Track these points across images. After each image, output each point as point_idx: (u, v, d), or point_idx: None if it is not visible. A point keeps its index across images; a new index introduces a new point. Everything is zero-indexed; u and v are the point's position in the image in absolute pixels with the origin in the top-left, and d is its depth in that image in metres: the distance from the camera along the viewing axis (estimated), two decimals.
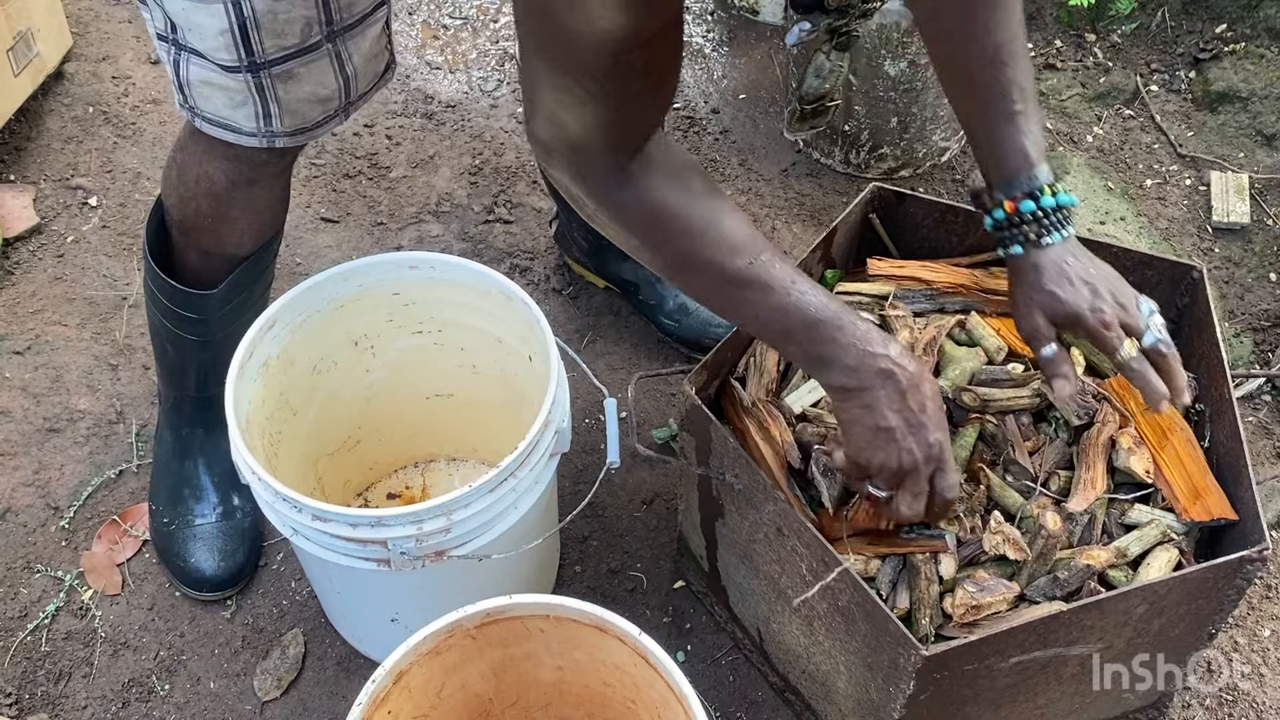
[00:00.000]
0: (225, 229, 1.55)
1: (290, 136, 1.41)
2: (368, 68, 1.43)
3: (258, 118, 1.38)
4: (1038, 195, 1.32)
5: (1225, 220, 2.22)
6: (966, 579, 1.36)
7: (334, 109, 1.43)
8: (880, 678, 1.34)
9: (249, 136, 1.40)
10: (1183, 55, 2.46)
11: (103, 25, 2.54)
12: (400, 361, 1.71)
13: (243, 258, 1.59)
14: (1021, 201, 1.32)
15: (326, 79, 1.39)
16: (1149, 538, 1.41)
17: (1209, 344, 1.49)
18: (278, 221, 1.62)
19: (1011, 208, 1.33)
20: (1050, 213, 1.33)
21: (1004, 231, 1.35)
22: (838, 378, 1.25)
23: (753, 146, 2.39)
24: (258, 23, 1.30)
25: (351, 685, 1.68)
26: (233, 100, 1.37)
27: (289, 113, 1.39)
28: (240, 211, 1.54)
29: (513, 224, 2.24)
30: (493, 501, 1.40)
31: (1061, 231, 1.33)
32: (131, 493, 1.86)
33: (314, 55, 1.36)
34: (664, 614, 1.77)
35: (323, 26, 1.34)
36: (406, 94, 2.46)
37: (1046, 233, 1.33)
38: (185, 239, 1.58)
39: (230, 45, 1.31)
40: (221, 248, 1.58)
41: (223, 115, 1.39)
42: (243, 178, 1.49)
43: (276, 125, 1.40)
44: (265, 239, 1.60)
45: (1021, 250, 1.34)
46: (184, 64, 1.37)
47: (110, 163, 2.30)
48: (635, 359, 2.05)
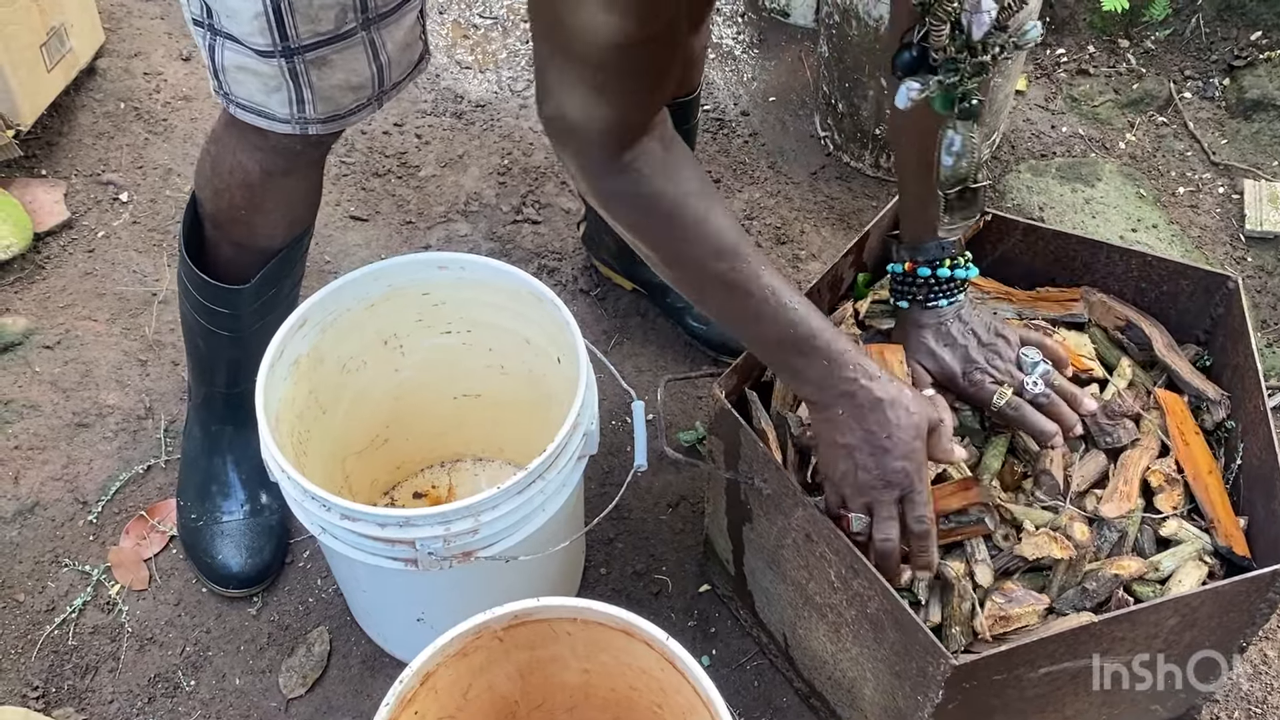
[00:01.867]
0: (259, 220, 1.56)
1: (323, 124, 1.42)
2: (401, 57, 1.43)
3: (291, 104, 1.39)
4: (936, 265, 1.44)
5: (1259, 229, 2.20)
6: (996, 590, 1.36)
7: (367, 97, 1.43)
8: (908, 686, 1.33)
9: (282, 123, 1.41)
10: (1216, 62, 2.44)
11: (135, 21, 2.55)
12: (429, 361, 1.71)
13: (275, 250, 1.59)
14: (920, 267, 1.45)
15: (360, 66, 1.39)
16: (1184, 554, 1.40)
17: (1244, 355, 1.48)
18: (310, 215, 1.63)
19: (909, 268, 1.46)
20: (943, 282, 1.45)
21: (898, 285, 1.48)
22: (806, 391, 1.31)
23: (782, 149, 2.38)
24: (292, 7, 1.30)
25: (376, 684, 1.69)
26: (266, 86, 1.38)
27: (322, 99, 1.39)
28: (274, 203, 1.54)
29: (541, 224, 2.24)
30: (521, 503, 1.39)
31: (949, 299, 1.46)
32: (159, 488, 1.87)
33: (348, 42, 1.36)
34: (689, 618, 1.76)
35: (358, 14, 1.34)
36: (436, 93, 2.46)
37: (934, 298, 1.46)
38: (219, 232, 1.59)
39: (265, 29, 1.32)
40: (255, 240, 1.58)
41: (256, 101, 1.40)
42: (277, 168, 1.49)
43: (310, 112, 1.40)
44: (297, 233, 1.60)
45: (908, 306, 1.47)
46: (219, 49, 1.38)
47: (141, 159, 2.31)
48: (663, 361, 2.05)
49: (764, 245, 2.20)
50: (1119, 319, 1.58)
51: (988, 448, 1.48)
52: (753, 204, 2.27)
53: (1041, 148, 2.36)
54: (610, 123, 1.16)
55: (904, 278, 1.47)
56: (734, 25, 2.64)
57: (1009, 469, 1.46)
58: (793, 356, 1.28)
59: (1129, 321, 1.57)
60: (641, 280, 2.07)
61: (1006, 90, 2.24)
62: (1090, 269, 1.60)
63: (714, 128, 2.42)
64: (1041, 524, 1.40)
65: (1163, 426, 1.49)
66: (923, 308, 1.47)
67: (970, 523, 1.39)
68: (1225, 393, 1.52)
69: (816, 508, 1.36)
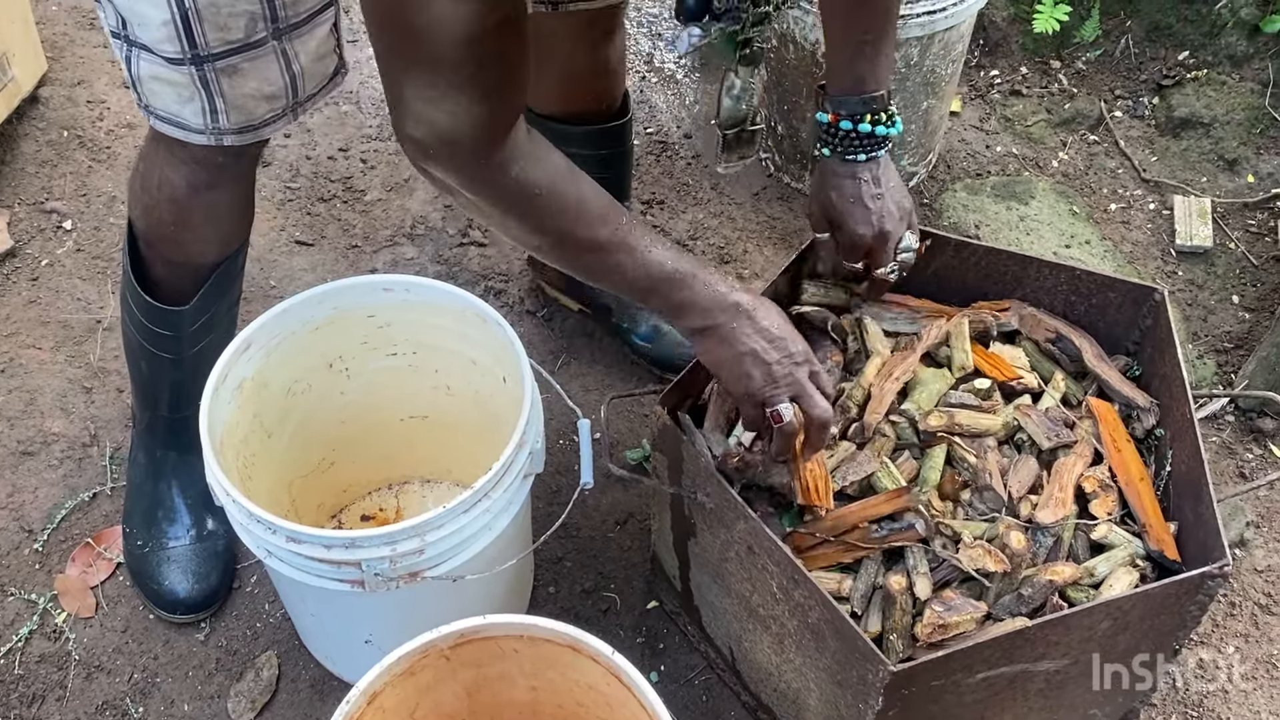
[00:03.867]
0: (188, 236, 1.57)
1: (238, 134, 1.43)
2: (315, 68, 1.45)
3: (205, 114, 1.40)
4: (858, 119, 1.48)
5: (1189, 244, 2.26)
6: (935, 599, 1.38)
7: (282, 108, 1.44)
8: (850, 694, 1.36)
9: (197, 133, 1.42)
10: (1146, 82, 2.50)
11: (77, 50, 2.55)
12: (375, 383, 1.72)
13: (209, 267, 1.60)
14: (843, 120, 1.49)
15: (272, 75, 1.40)
16: (1117, 559, 1.43)
17: (1171, 365, 1.52)
18: (241, 231, 1.64)
19: (834, 120, 1.50)
20: (863, 137, 1.49)
21: (822, 134, 1.52)
22: (696, 320, 1.36)
23: None
24: (200, 15, 1.32)
25: (325, 707, 1.69)
26: (180, 96, 1.39)
27: (235, 109, 1.41)
28: (202, 218, 1.55)
29: (487, 246, 2.26)
30: (467, 522, 1.41)
31: (867, 153, 1.51)
32: (105, 516, 1.87)
33: (259, 51, 1.38)
34: (637, 634, 1.78)
35: (268, 23, 1.36)
36: (381, 118, 2.48)
37: (852, 151, 1.50)
38: (152, 251, 1.60)
39: (174, 37, 1.33)
40: (187, 256, 1.59)
41: (172, 112, 1.41)
42: (202, 182, 1.50)
43: (223, 122, 1.41)
44: (230, 249, 1.62)
45: (829, 155, 1.52)
46: (135, 59, 1.39)
47: (85, 187, 2.31)
48: (609, 380, 2.07)
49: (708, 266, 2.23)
50: (1049, 331, 1.61)
51: (925, 460, 1.51)
52: (696, 225, 2.30)
53: (976, 167, 2.41)
54: (481, 122, 1.17)
55: (828, 128, 1.51)
56: (675, 49, 2.67)
57: (949, 479, 1.49)
58: (680, 291, 1.34)
59: (1059, 334, 1.61)
60: (588, 300, 2.09)
61: (941, 111, 2.29)
62: (1021, 283, 1.64)
63: (657, 150, 2.45)
64: (979, 535, 1.43)
65: (1096, 434, 1.53)
66: (841, 159, 1.51)
67: (903, 529, 1.42)
68: (1154, 400, 1.56)
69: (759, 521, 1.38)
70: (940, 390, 1.55)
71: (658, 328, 2.03)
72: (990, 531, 1.43)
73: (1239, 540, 1.87)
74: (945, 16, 2.04)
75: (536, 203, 1.25)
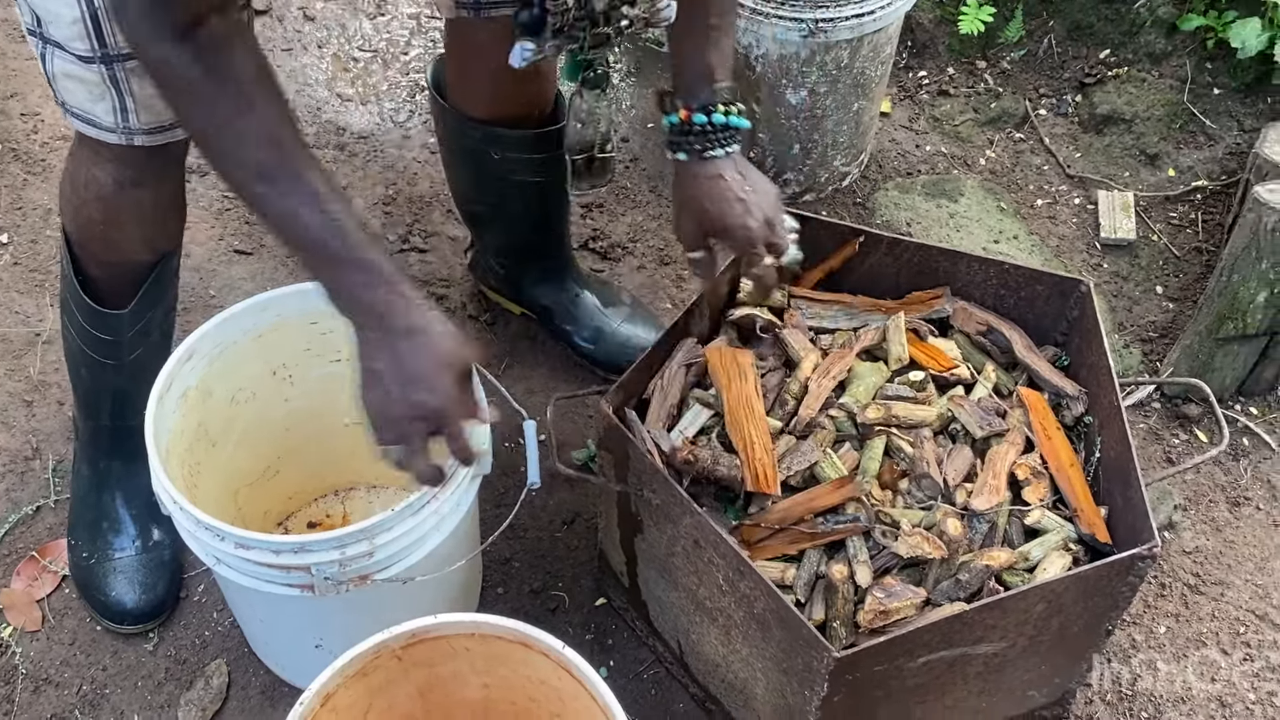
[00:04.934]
0: (117, 235, 1.57)
1: (148, 134, 1.43)
2: None
3: (115, 112, 1.41)
4: (710, 110, 1.45)
5: (1113, 237, 2.32)
6: (876, 586, 1.42)
7: None
8: (795, 682, 1.39)
9: (109, 132, 1.43)
10: (1069, 80, 2.57)
11: (9, 62, 2.52)
12: (319, 389, 1.73)
13: (144, 268, 1.60)
14: (695, 114, 1.45)
15: None
16: (1050, 543, 1.47)
17: (1097, 354, 1.57)
18: (172, 231, 1.64)
19: (686, 116, 1.46)
20: (718, 129, 1.46)
21: (675, 137, 1.48)
22: (340, 306, 1.26)
23: (663, 174, 2.44)
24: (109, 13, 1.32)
25: (276, 714, 1.69)
26: (92, 94, 1.40)
27: (145, 109, 1.41)
28: (129, 216, 1.55)
29: (428, 253, 2.27)
30: (416, 524, 1.42)
31: (725, 149, 1.48)
32: (49, 528, 1.86)
33: None
34: (586, 631, 1.80)
35: None
36: (318, 126, 2.48)
37: (710, 147, 1.47)
38: (84, 252, 1.60)
39: (84, 35, 1.34)
40: (120, 255, 1.59)
41: (85, 109, 1.42)
42: (127, 179, 1.50)
43: (134, 121, 1.42)
44: (163, 249, 1.62)
45: (686, 158, 1.48)
46: (49, 57, 1.40)
47: (20, 200, 2.29)
48: (553, 383, 2.09)
49: (648, 268, 2.26)
50: (980, 324, 1.66)
51: (865, 450, 1.55)
52: (635, 227, 2.33)
53: (907, 166, 2.46)
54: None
55: (680, 127, 1.47)
56: (611, 53, 2.69)
57: (888, 468, 1.53)
58: (329, 266, 1.23)
59: (990, 326, 1.66)
60: (530, 303, 2.11)
61: (872, 112, 2.34)
62: (952, 278, 1.69)
63: None
64: (918, 522, 1.47)
65: (1027, 423, 1.58)
66: (700, 158, 1.47)
67: (848, 521, 1.46)
68: (1083, 389, 1.60)
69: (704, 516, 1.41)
70: (877, 383, 1.58)
71: (600, 329, 2.05)
72: (928, 519, 1.47)
73: (1167, 523, 1.93)
74: (874, 19, 2.09)
75: (203, 92, 1.17)
